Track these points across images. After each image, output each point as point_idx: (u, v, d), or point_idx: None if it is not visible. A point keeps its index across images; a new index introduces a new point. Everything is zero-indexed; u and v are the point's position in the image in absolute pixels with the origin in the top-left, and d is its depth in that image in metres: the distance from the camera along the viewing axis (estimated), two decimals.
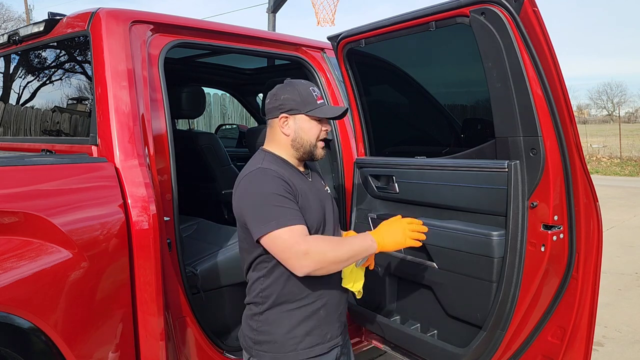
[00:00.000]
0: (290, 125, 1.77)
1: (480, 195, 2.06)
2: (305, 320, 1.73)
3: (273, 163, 1.74)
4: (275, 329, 1.72)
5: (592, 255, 2.06)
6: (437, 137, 2.83)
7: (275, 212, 1.59)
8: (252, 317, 1.78)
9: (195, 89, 3.41)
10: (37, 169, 1.81)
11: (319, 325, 1.75)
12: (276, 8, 8.01)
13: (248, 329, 1.79)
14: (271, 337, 1.73)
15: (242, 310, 2.95)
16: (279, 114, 1.76)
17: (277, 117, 1.77)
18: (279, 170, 1.70)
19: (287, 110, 1.76)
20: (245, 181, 1.69)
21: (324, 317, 1.77)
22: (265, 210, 1.61)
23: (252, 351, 1.77)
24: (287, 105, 1.76)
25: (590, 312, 2.10)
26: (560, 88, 1.85)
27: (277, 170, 1.69)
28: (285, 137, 1.78)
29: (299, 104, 1.76)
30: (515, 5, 1.79)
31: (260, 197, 1.63)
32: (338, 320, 1.83)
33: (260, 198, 1.63)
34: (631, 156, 17.31)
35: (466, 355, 2.09)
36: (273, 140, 1.81)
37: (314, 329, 1.74)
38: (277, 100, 1.77)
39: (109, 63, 2.02)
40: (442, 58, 2.57)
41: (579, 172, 1.95)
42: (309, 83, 1.83)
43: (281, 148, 1.80)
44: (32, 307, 1.62)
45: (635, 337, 3.82)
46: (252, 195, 1.65)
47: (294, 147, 1.78)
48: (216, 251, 2.72)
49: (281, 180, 1.66)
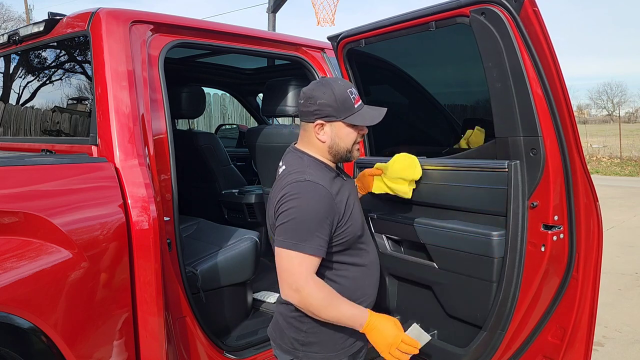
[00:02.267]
0: (326, 132, 1.71)
1: (480, 195, 2.06)
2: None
3: (318, 170, 1.70)
4: (327, 329, 1.70)
5: (592, 255, 2.06)
6: (437, 137, 2.83)
7: (304, 235, 1.57)
8: (298, 319, 1.71)
9: (195, 89, 3.42)
10: (37, 169, 1.81)
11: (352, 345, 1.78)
12: (276, 8, 8.01)
13: (293, 330, 1.72)
14: (322, 338, 1.71)
15: (241, 310, 2.96)
16: (315, 119, 1.70)
17: (312, 122, 1.71)
18: (326, 182, 1.66)
19: (323, 116, 1.69)
20: (294, 189, 1.62)
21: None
22: (298, 227, 1.58)
23: (299, 353, 1.72)
24: (323, 111, 1.68)
25: (591, 312, 2.10)
26: (561, 88, 1.85)
27: (325, 185, 1.64)
28: (321, 143, 1.73)
29: (337, 110, 1.68)
30: (516, 5, 1.79)
31: (300, 214, 1.59)
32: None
33: (301, 215, 1.59)
34: (631, 156, 17.30)
35: (466, 355, 2.09)
36: (309, 144, 1.75)
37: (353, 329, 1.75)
38: (313, 105, 1.69)
39: (109, 63, 2.02)
40: (442, 58, 2.57)
41: (579, 172, 1.95)
42: (346, 84, 1.74)
43: (318, 152, 1.76)
44: (32, 307, 1.62)
45: (635, 337, 3.82)
46: (295, 209, 1.60)
47: (330, 153, 1.75)
48: (216, 251, 2.72)
49: (330, 199, 1.62)
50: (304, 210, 1.59)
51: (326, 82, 1.73)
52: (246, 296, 2.89)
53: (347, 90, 1.71)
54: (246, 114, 9.12)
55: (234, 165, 4.06)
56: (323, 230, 1.59)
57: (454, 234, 2.11)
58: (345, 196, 1.72)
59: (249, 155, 4.04)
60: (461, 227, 2.11)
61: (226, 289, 2.74)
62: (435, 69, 2.68)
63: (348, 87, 1.73)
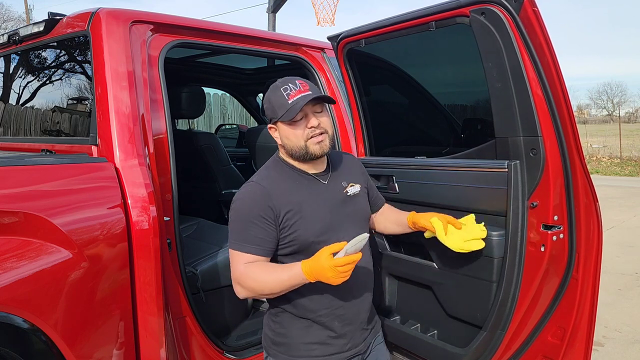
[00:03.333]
0: (278, 134, 1.74)
1: (480, 195, 2.06)
2: (320, 330, 1.73)
3: (273, 170, 1.76)
4: (293, 331, 1.74)
5: (592, 255, 2.06)
6: (437, 137, 2.83)
7: (238, 234, 1.67)
8: (271, 317, 1.82)
9: (195, 89, 3.41)
10: (37, 169, 1.81)
11: (337, 336, 1.75)
12: (276, 8, 8.01)
13: (267, 328, 1.82)
14: (286, 340, 1.75)
15: (241, 310, 2.97)
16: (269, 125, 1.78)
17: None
18: (271, 183, 1.69)
19: (270, 120, 1.76)
20: (238, 193, 1.73)
21: (341, 328, 1.75)
22: (234, 227, 1.69)
23: (271, 350, 1.79)
24: (268, 115, 1.75)
25: (591, 312, 2.10)
26: (560, 88, 1.85)
27: (265, 185, 1.68)
28: (280, 146, 1.78)
29: (273, 111, 1.70)
30: (515, 5, 1.79)
31: (235, 214, 1.69)
32: (360, 329, 1.81)
33: (235, 215, 1.69)
34: (631, 156, 17.30)
35: (466, 355, 2.09)
36: (279, 146, 1.81)
37: (329, 339, 1.74)
38: (265, 110, 1.77)
39: (109, 63, 2.02)
40: (442, 58, 2.57)
41: (579, 172, 1.95)
42: (285, 80, 1.72)
43: (283, 153, 1.79)
44: (32, 307, 1.62)
45: (635, 337, 3.82)
46: (233, 210, 1.70)
47: (288, 153, 1.74)
48: (216, 251, 2.72)
49: (264, 199, 1.65)
50: (237, 210, 1.68)
51: (271, 86, 1.76)
52: None
53: (282, 88, 1.69)
54: (246, 114, 9.13)
55: (234, 165, 4.06)
56: (255, 228, 1.63)
57: None
58: (297, 198, 1.68)
59: (249, 155, 4.04)
60: None
61: (226, 289, 2.74)
62: (435, 69, 2.68)
63: (285, 83, 1.70)
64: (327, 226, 1.71)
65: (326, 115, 1.74)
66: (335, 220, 1.74)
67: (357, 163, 1.99)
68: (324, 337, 1.73)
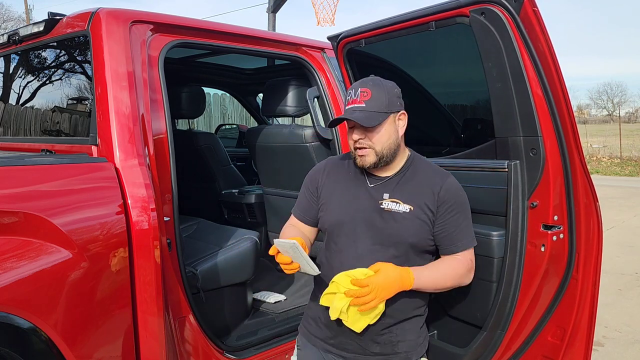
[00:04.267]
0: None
1: (480, 195, 2.06)
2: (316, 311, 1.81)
3: (347, 156, 1.86)
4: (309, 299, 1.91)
5: (592, 256, 2.06)
6: (437, 137, 2.82)
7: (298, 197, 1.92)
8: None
9: (195, 89, 3.41)
10: (37, 169, 1.81)
11: (324, 325, 1.78)
12: (276, 8, 8.01)
13: None
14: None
15: (241, 310, 2.97)
16: None
17: None
18: (333, 165, 1.88)
19: None
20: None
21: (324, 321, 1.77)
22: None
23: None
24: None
25: (591, 312, 2.10)
26: (560, 88, 1.85)
27: (328, 164, 1.89)
28: None
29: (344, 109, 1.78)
30: (515, 5, 1.79)
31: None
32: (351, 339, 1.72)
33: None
34: (631, 156, 17.31)
35: (466, 355, 2.09)
36: None
37: (319, 322, 1.81)
38: None
39: (108, 63, 2.02)
40: (442, 58, 2.56)
41: (579, 172, 1.95)
42: (355, 84, 1.76)
43: None
44: (32, 307, 1.62)
45: (635, 337, 3.82)
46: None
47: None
48: (216, 251, 2.72)
49: (318, 173, 1.87)
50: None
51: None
52: (246, 296, 2.89)
53: (350, 89, 1.77)
54: (246, 114, 9.11)
55: (234, 165, 4.06)
56: (304, 192, 1.88)
57: None
58: (333, 185, 1.81)
59: (249, 155, 4.04)
60: None
61: (226, 289, 2.74)
62: (435, 69, 2.67)
63: (354, 86, 1.76)
64: (338, 222, 1.75)
65: (377, 132, 1.69)
66: (349, 222, 1.74)
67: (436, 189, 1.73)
68: (316, 317, 1.82)
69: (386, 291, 1.57)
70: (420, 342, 1.80)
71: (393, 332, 1.72)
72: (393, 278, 1.58)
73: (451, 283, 1.72)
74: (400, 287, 1.60)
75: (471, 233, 1.77)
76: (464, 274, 1.74)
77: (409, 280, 1.61)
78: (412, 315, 1.76)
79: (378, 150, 1.70)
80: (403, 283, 1.60)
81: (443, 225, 1.72)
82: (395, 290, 1.59)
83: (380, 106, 1.69)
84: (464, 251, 1.74)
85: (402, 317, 1.73)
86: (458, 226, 1.72)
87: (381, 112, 1.69)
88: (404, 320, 1.74)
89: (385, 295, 1.57)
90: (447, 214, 1.72)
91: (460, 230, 1.73)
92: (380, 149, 1.70)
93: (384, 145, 1.70)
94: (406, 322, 1.75)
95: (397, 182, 1.76)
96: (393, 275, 1.58)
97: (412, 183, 1.76)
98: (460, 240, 1.73)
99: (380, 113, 1.69)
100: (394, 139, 1.73)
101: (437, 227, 1.72)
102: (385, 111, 1.70)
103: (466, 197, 1.79)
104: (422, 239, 1.71)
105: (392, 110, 1.72)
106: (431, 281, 1.68)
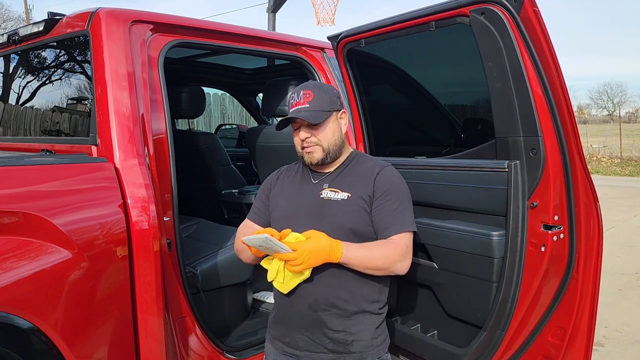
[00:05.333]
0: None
1: (480, 195, 2.06)
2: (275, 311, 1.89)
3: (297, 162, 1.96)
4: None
5: (592, 256, 2.06)
6: (437, 137, 2.82)
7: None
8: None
9: (195, 89, 3.41)
10: (37, 169, 1.81)
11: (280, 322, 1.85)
12: (276, 8, 8.01)
13: None
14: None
15: (241, 310, 2.96)
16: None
17: None
18: (285, 170, 1.98)
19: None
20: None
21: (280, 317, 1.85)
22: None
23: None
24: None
25: (591, 312, 2.10)
26: (561, 88, 1.85)
27: (280, 170, 1.99)
28: None
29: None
30: (516, 5, 1.79)
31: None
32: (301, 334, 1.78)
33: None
34: (631, 156, 17.31)
35: (466, 356, 2.09)
36: None
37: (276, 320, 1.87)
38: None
39: (108, 63, 2.02)
40: (442, 58, 2.56)
41: (579, 172, 1.95)
42: (297, 88, 1.84)
43: None
44: (32, 307, 1.62)
45: (635, 337, 3.82)
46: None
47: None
48: (216, 251, 2.72)
49: (271, 179, 1.97)
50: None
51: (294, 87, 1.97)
52: (246, 296, 2.89)
53: (291, 94, 1.84)
54: (246, 114, 9.12)
55: (234, 165, 4.06)
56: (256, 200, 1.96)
57: (454, 234, 2.11)
58: (284, 185, 1.92)
59: (249, 155, 4.04)
60: (461, 227, 2.11)
61: (226, 289, 2.74)
62: (435, 69, 2.68)
63: (296, 91, 1.83)
64: (284, 217, 1.84)
65: (323, 129, 1.79)
66: (293, 215, 1.83)
67: (372, 177, 1.79)
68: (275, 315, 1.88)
69: (314, 258, 1.61)
70: (378, 343, 1.79)
71: (347, 330, 1.74)
72: (322, 246, 1.62)
73: (381, 263, 1.70)
74: (328, 258, 1.64)
75: (407, 218, 1.77)
76: (397, 258, 1.71)
77: (337, 251, 1.64)
78: (362, 309, 1.76)
79: (325, 147, 1.80)
80: (331, 253, 1.63)
81: (378, 210, 1.76)
82: (323, 259, 1.63)
83: (323, 105, 1.79)
84: (399, 234, 1.73)
85: (350, 308, 1.74)
86: (392, 211, 1.75)
87: (324, 111, 1.79)
88: (354, 314, 1.75)
89: (312, 262, 1.62)
90: (382, 198, 1.76)
91: (394, 215, 1.75)
92: (327, 145, 1.80)
93: (330, 142, 1.81)
94: (359, 319, 1.76)
95: (337, 174, 1.85)
96: (322, 243, 1.63)
97: (352, 174, 1.84)
98: (393, 225, 1.74)
99: (324, 111, 1.79)
100: (339, 136, 1.84)
101: (374, 212, 1.76)
102: (328, 109, 1.80)
103: (405, 186, 1.83)
104: (360, 225, 1.76)
105: (334, 108, 1.82)
106: (360, 257, 1.68)
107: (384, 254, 1.71)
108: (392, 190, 1.78)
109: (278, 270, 1.67)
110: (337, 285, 1.73)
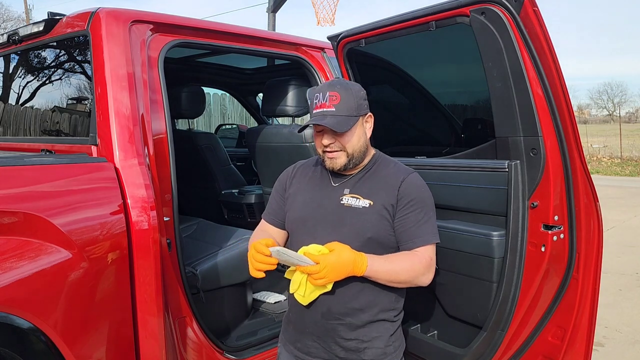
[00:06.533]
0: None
1: (480, 195, 2.06)
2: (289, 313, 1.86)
3: (313, 160, 1.90)
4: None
5: (592, 256, 2.06)
6: (437, 137, 2.82)
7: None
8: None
9: (195, 89, 3.41)
10: (36, 169, 1.81)
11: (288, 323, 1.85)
12: (276, 8, 8.01)
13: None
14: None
15: (241, 310, 2.97)
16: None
17: None
18: (302, 166, 1.90)
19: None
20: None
21: (292, 321, 1.82)
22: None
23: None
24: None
25: (591, 312, 2.10)
26: (561, 88, 1.85)
27: (296, 167, 1.92)
28: None
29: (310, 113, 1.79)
30: (516, 5, 1.79)
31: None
32: (312, 341, 1.74)
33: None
34: (632, 156, 17.31)
35: (466, 356, 2.09)
36: None
37: (289, 322, 1.84)
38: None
39: (108, 63, 2.02)
40: (442, 58, 2.56)
41: (579, 172, 1.95)
42: (320, 87, 1.73)
43: None
44: (32, 307, 1.62)
45: (635, 337, 3.82)
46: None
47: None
48: (216, 251, 2.72)
49: (286, 176, 1.90)
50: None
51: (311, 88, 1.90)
52: (246, 296, 2.89)
53: (315, 94, 1.72)
54: (246, 114, 9.11)
55: (234, 165, 4.06)
56: (272, 198, 1.90)
57: (454, 234, 2.11)
58: (299, 186, 1.84)
59: (249, 155, 4.04)
60: (461, 227, 2.11)
61: (226, 289, 2.74)
62: (436, 69, 2.67)
63: (320, 90, 1.71)
64: (300, 219, 1.78)
65: (349, 136, 1.68)
66: (310, 219, 1.75)
67: (396, 184, 1.71)
68: (288, 318, 1.86)
69: (337, 272, 1.54)
70: (391, 351, 1.73)
71: (359, 339, 1.69)
72: (345, 260, 1.55)
73: (406, 277, 1.65)
74: (352, 272, 1.56)
75: (432, 230, 1.71)
76: (422, 271, 1.66)
77: (362, 265, 1.57)
78: (377, 318, 1.71)
79: (349, 153, 1.70)
80: (355, 267, 1.56)
81: (402, 220, 1.69)
82: (347, 273, 1.56)
83: (350, 110, 1.67)
84: (423, 247, 1.68)
85: (365, 317, 1.69)
86: (417, 222, 1.68)
87: (351, 116, 1.67)
88: (369, 322, 1.70)
89: (335, 277, 1.55)
90: (407, 209, 1.69)
91: (419, 226, 1.68)
92: (351, 151, 1.70)
93: (355, 148, 1.70)
94: (373, 327, 1.71)
95: (359, 179, 1.76)
96: (346, 257, 1.55)
97: (374, 180, 1.75)
98: (418, 237, 1.68)
99: (351, 117, 1.67)
100: (364, 141, 1.73)
101: (397, 222, 1.69)
102: (355, 114, 1.68)
103: (430, 194, 1.75)
104: (381, 234, 1.69)
105: (360, 113, 1.71)
106: (385, 271, 1.61)
107: (409, 268, 1.65)
108: (417, 200, 1.70)
109: (300, 282, 1.61)
110: (353, 295, 1.67)
